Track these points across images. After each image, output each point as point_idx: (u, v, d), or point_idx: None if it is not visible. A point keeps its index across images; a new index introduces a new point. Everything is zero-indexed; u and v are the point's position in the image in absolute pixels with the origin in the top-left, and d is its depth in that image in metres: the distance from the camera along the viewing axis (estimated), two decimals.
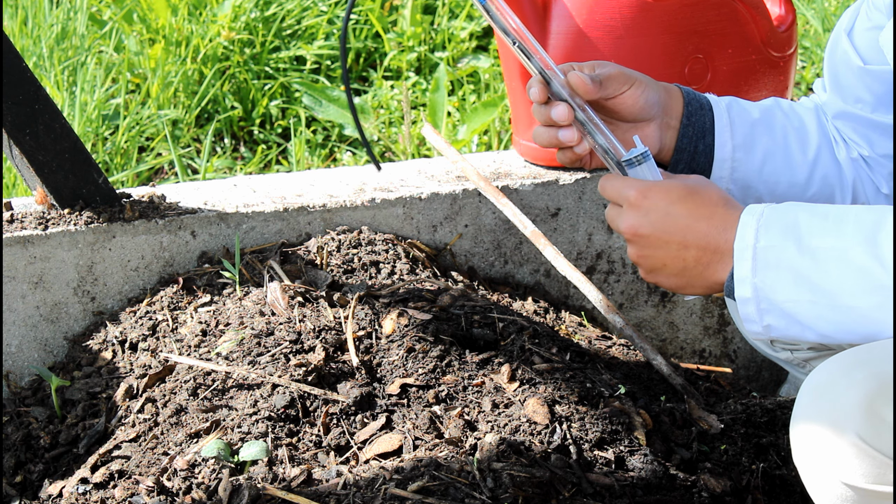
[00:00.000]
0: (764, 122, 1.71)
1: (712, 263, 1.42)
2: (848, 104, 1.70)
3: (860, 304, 1.33)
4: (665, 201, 1.43)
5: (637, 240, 1.46)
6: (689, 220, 1.42)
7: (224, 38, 3.48)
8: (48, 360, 2.12)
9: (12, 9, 3.52)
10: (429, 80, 3.59)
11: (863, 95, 1.68)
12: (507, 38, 1.49)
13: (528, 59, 1.51)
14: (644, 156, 1.49)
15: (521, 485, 1.55)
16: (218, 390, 1.81)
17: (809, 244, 1.34)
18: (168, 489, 1.66)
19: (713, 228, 1.41)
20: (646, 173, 1.50)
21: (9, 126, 1.99)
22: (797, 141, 1.72)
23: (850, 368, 1.32)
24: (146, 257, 2.14)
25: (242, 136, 3.44)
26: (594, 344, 2.11)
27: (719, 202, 1.43)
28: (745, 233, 1.38)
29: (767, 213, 1.38)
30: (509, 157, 2.50)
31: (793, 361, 2.10)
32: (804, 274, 1.35)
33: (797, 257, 1.35)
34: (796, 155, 1.72)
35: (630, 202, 1.46)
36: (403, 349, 1.85)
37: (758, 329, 1.40)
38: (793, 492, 1.75)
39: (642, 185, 1.46)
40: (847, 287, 1.33)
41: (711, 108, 1.67)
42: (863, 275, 1.32)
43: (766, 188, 1.72)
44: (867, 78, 1.66)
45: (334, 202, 2.24)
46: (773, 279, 1.36)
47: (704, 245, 1.42)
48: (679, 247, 1.43)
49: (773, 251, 1.36)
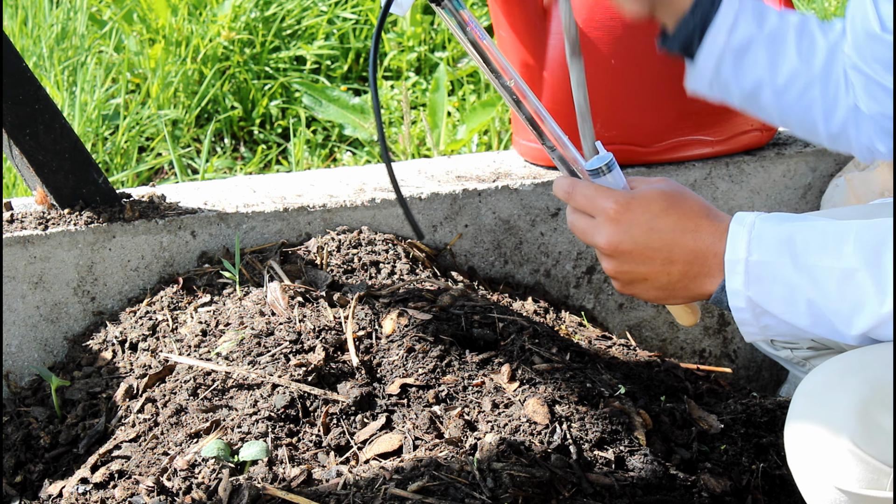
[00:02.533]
0: (770, 38, 1.70)
1: (699, 276, 1.38)
2: (863, 62, 1.68)
3: (858, 327, 1.31)
4: (647, 215, 1.38)
5: (617, 255, 1.40)
6: (675, 234, 1.38)
7: (224, 38, 3.48)
8: (48, 360, 2.12)
9: (12, 9, 3.52)
10: (429, 80, 3.59)
11: (877, 58, 1.65)
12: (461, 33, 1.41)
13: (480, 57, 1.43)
14: (610, 165, 1.42)
15: (521, 485, 1.55)
16: (218, 390, 1.81)
17: (806, 262, 1.31)
18: (168, 489, 1.66)
19: (700, 242, 1.37)
20: (613, 182, 1.43)
21: (9, 126, 1.99)
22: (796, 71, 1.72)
23: (844, 373, 1.32)
24: (146, 257, 2.14)
25: (242, 136, 3.44)
26: (594, 344, 2.11)
27: (702, 212, 1.38)
28: (735, 245, 1.34)
29: (759, 226, 1.34)
30: (509, 157, 2.50)
31: (793, 360, 2.10)
32: (801, 291, 1.32)
33: (794, 274, 1.32)
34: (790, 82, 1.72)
35: (609, 216, 1.39)
36: (403, 349, 1.85)
37: (754, 331, 1.39)
38: (793, 492, 1.75)
39: (621, 196, 1.40)
40: (845, 310, 1.30)
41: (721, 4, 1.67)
42: (861, 300, 1.29)
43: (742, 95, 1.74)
44: (882, 45, 1.64)
45: (334, 202, 2.24)
46: (768, 292, 1.34)
47: (692, 259, 1.38)
48: (664, 262, 1.39)
49: (767, 266, 1.33)
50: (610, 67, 2.30)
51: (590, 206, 1.42)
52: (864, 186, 2.46)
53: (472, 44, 1.41)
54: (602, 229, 1.40)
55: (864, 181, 2.46)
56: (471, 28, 1.40)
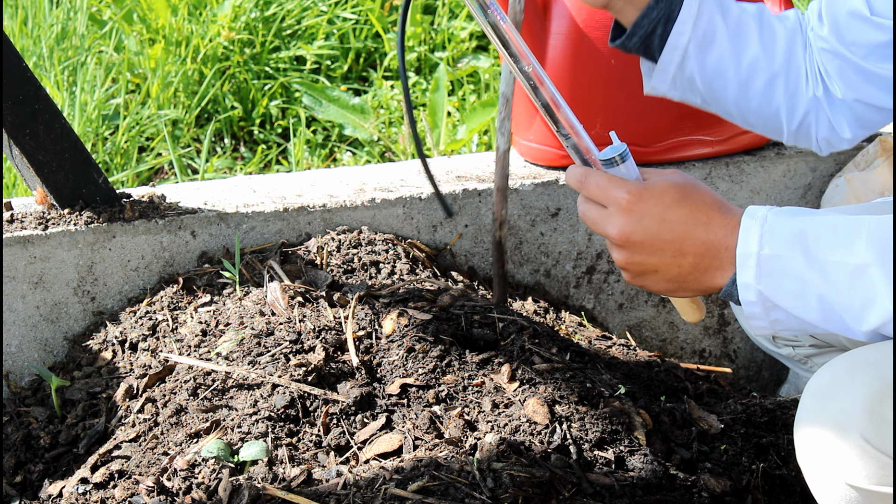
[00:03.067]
0: (734, 30, 1.69)
1: (710, 269, 1.38)
2: (841, 45, 1.67)
3: (869, 322, 1.31)
4: (659, 206, 1.38)
5: (629, 246, 1.40)
6: (687, 226, 1.37)
7: (224, 38, 3.48)
8: (48, 360, 2.12)
9: (12, 9, 3.52)
10: (429, 80, 3.59)
11: (859, 41, 1.65)
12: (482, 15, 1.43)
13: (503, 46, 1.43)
14: (623, 155, 1.42)
15: (521, 485, 1.55)
16: (218, 390, 1.81)
17: (817, 256, 1.31)
18: (168, 489, 1.66)
19: (711, 235, 1.37)
20: (626, 172, 1.42)
21: (9, 126, 1.99)
22: (759, 62, 1.70)
23: (854, 369, 1.32)
24: (146, 257, 2.14)
25: (242, 136, 3.44)
26: (594, 344, 2.11)
27: (714, 205, 1.38)
28: (747, 238, 1.34)
29: (771, 220, 1.34)
30: (509, 157, 2.50)
31: (794, 357, 2.09)
32: (812, 285, 1.32)
33: (805, 269, 1.32)
34: (753, 73, 1.69)
35: (621, 206, 1.39)
36: (403, 349, 1.85)
37: (764, 325, 1.38)
38: (793, 492, 1.75)
39: (633, 187, 1.39)
40: (856, 306, 1.30)
41: None
42: (873, 296, 1.29)
43: (706, 90, 1.71)
44: (868, 27, 1.64)
45: (334, 202, 2.24)
46: (779, 286, 1.34)
47: (703, 252, 1.38)
48: (675, 254, 1.38)
49: (779, 260, 1.32)
50: (610, 67, 2.30)
51: (602, 195, 1.41)
52: (864, 186, 2.46)
53: (493, 26, 1.40)
54: (614, 219, 1.40)
55: (864, 181, 2.46)
56: (492, 11, 1.39)
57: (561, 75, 2.30)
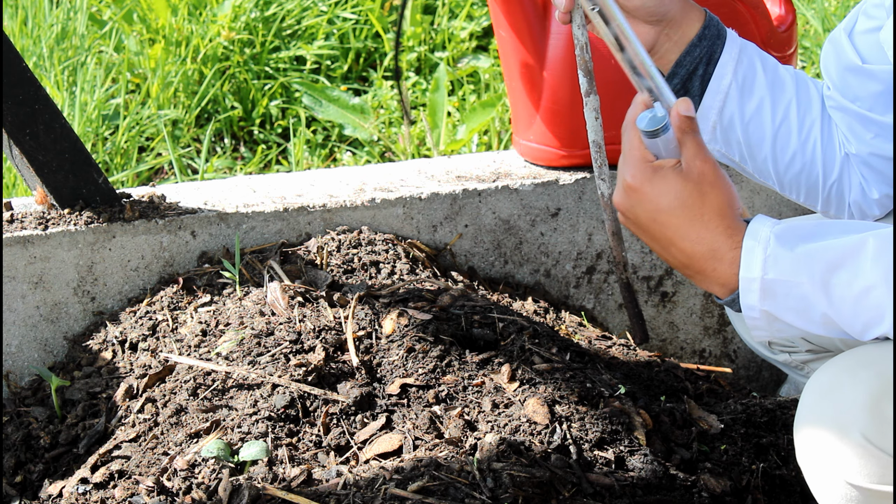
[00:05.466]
0: (772, 77, 1.68)
1: (696, 276, 1.39)
2: (846, 100, 1.69)
3: (872, 335, 1.31)
4: (653, 206, 1.38)
5: (623, 212, 1.43)
6: (674, 235, 1.38)
7: (224, 38, 3.48)
8: (48, 360, 2.12)
9: (12, 9, 3.52)
10: (429, 80, 3.59)
11: (860, 93, 1.67)
12: None
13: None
14: (657, 132, 1.40)
15: (521, 485, 1.55)
16: (218, 390, 1.81)
17: (822, 279, 1.30)
18: (168, 489, 1.66)
19: (699, 247, 1.37)
20: (661, 144, 1.41)
21: (9, 126, 1.99)
22: (797, 109, 1.69)
23: (855, 368, 1.32)
24: (146, 257, 2.14)
25: (242, 136, 3.44)
26: (594, 344, 2.11)
27: (717, 216, 1.36)
28: (750, 262, 1.33)
29: (774, 244, 1.33)
30: (509, 157, 2.50)
31: (791, 364, 2.10)
32: (817, 305, 1.32)
33: (810, 290, 1.31)
34: (791, 120, 1.68)
35: (624, 182, 1.41)
36: (403, 349, 1.85)
37: (765, 334, 1.39)
38: (793, 492, 1.75)
39: (640, 173, 1.39)
40: (860, 324, 1.31)
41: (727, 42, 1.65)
42: (878, 315, 1.29)
43: (745, 139, 1.69)
44: (864, 78, 1.65)
45: (334, 202, 2.24)
46: (783, 305, 1.34)
47: (686, 263, 1.38)
48: (662, 249, 1.41)
49: (783, 284, 1.32)
50: (610, 67, 2.29)
51: (621, 162, 1.44)
52: None
53: None
54: (618, 184, 1.43)
55: None
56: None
57: (561, 75, 2.30)
